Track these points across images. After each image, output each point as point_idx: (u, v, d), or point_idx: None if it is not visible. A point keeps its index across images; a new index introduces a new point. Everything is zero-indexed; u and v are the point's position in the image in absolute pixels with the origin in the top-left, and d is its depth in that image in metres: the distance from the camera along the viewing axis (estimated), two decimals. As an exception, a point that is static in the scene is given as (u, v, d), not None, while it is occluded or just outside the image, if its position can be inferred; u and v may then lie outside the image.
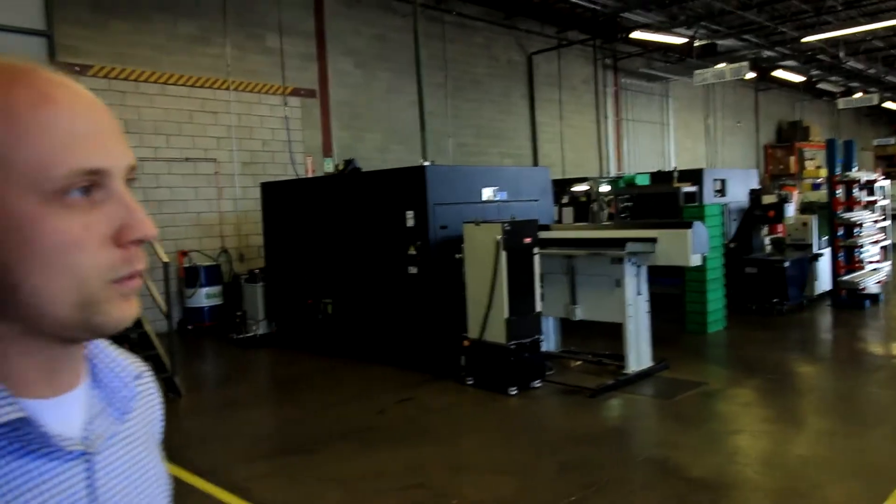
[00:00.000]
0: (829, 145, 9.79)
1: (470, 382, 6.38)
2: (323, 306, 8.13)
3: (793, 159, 24.79)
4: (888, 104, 24.28)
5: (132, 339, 7.11)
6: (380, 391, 6.38)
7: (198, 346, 9.10)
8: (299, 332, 8.52)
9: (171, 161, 10.06)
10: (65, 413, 0.67)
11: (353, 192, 7.82)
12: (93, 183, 0.60)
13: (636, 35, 14.19)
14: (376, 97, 12.71)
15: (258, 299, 9.23)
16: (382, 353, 7.36)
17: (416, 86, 12.13)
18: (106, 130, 0.63)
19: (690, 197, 9.49)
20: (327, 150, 11.82)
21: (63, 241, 0.59)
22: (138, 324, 6.71)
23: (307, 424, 5.59)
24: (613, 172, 17.41)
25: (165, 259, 6.78)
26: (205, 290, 10.01)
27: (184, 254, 10.12)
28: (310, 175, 9.98)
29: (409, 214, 6.95)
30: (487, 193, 7.28)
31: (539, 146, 16.03)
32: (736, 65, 13.93)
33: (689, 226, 6.05)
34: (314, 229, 8.26)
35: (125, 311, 0.64)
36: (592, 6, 13.14)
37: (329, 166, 11.24)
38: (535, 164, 15.53)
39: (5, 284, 0.59)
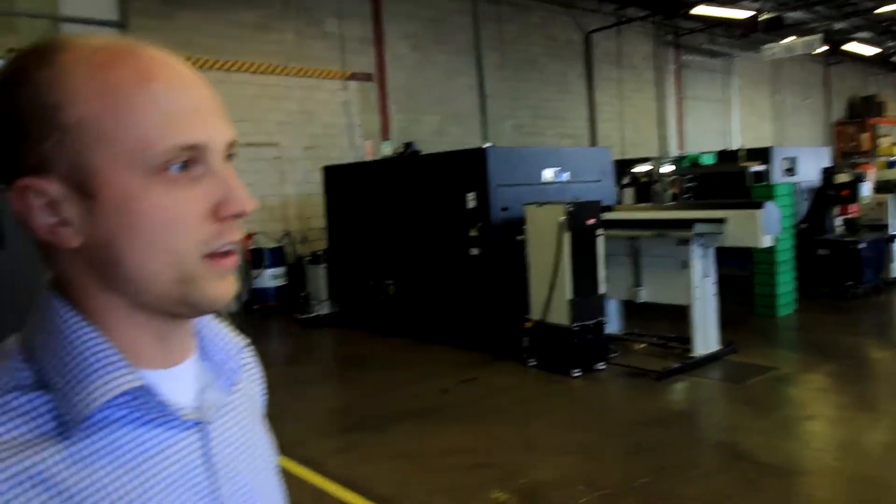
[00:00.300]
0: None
1: (532, 364, 6.38)
2: (385, 287, 8.24)
3: (865, 136, 23.69)
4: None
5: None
6: (443, 371, 6.45)
7: (264, 325, 9.37)
8: (361, 312, 8.67)
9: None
10: (177, 384, 0.68)
11: (413, 174, 7.88)
12: (192, 158, 0.61)
13: (699, 10, 13.72)
14: (433, 80, 12.71)
15: (321, 280, 9.43)
16: (443, 334, 7.43)
17: (474, 68, 12.10)
18: (206, 106, 0.63)
19: (759, 176, 9.19)
20: (385, 134, 11.92)
21: (163, 216, 0.60)
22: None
23: (375, 402, 5.70)
24: (674, 152, 17.00)
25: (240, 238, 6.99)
26: (269, 271, 10.28)
27: (249, 236, 10.41)
28: (368, 158, 10.08)
29: (471, 196, 6.96)
30: (548, 174, 7.22)
31: (597, 126, 15.77)
32: (807, 38, 13.34)
33: (759, 206, 5.87)
34: (376, 212, 8.36)
35: (222, 289, 0.64)
36: (654, -19, 12.79)
37: (387, 149, 11.33)
38: (593, 144, 15.29)
39: (110, 258, 0.60)
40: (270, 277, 10.31)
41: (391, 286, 8.19)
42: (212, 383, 0.72)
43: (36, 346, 0.62)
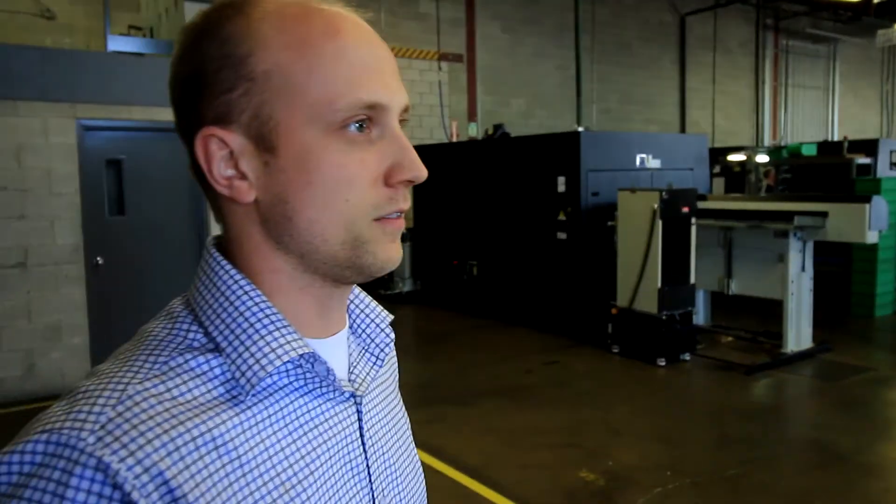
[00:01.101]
0: None
1: (616, 350, 6.38)
2: (469, 268, 8.37)
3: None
4: None
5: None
6: (526, 352, 6.54)
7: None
8: (443, 291, 8.84)
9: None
10: (334, 355, 0.66)
11: (502, 156, 7.93)
12: (372, 118, 0.59)
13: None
14: (521, 61, 12.65)
15: (405, 258, 9.65)
16: (525, 316, 7.50)
17: (562, 50, 11.95)
18: (387, 67, 0.61)
19: (864, 169, 8.76)
20: (472, 115, 11.98)
21: (340, 174, 0.58)
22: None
23: (461, 378, 5.85)
24: (768, 141, 16.32)
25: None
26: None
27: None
28: (454, 139, 10.18)
29: (561, 180, 6.97)
30: (641, 160, 7.13)
31: (687, 113, 15.32)
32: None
33: (867, 200, 5.63)
34: (462, 193, 8.47)
35: (391, 252, 0.62)
36: (757, -38, 12.24)
37: (473, 131, 11.41)
38: (682, 131, 14.87)
39: (283, 215, 0.59)
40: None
41: (475, 267, 8.30)
42: (361, 356, 0.71)
43: (203, 308, 0.61)
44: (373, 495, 0.67)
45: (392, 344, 0.75)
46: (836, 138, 16.82)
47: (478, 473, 3.92)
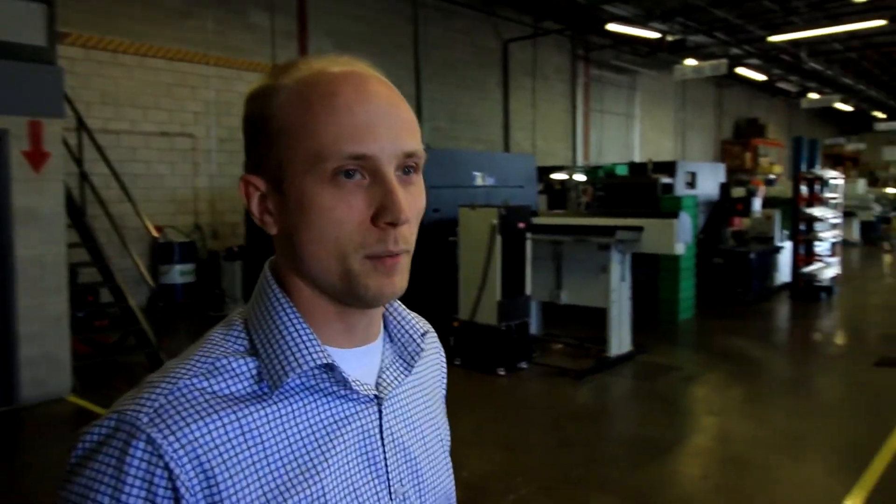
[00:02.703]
0: (796, 143, 10.24)
1: (457, 363, 6.54)
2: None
3: (748, 155, 25.65)
4: (840, 105, 25.24)
5: (111, 313, 7.05)
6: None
7: (173, 323, 9.03)
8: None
9: (148, 135, 9.88)
10: (361, 363, 0.77)
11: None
12: (361, 167, 0.68)
13: (612, 27, 14.43)
14: (354, 78, 12.64)
15: (237, 277, 9.19)
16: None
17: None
18: (380, 121, 0.69)
19: (668, 188, 9.81)
20: (305, 130, 11.76)
21: (329, 216, 0.67)
22: (121, 297, 6.67)
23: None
24: (580, 162, 17.74)
25: (155, 234, 6.74)
26: (179, 266, 9.88)
27: (158, 230, 9.97)
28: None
29: (402, 197, 7.04)
30: (478, 178, 7.43)
31: (511, 134, 16.22)
32: (715, 62, 14.36)
33: (675, 216, 6.31)
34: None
35: (383, 286, 0.70)
36: (571, -3, 13.33)
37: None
38: (507, 150, 15.71)
39: (292, 247, 0.71)
40: (179, 273, 9.88)
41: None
42: (392, 363, 0.81)
43: (253, 318, 0.74)
44: (389, 484, 0.77)
45: (424, 353, 0.84)
46: (637, 160, 18.71)
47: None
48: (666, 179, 9.72)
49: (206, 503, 0.64)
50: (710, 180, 11.21)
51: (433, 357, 0.94)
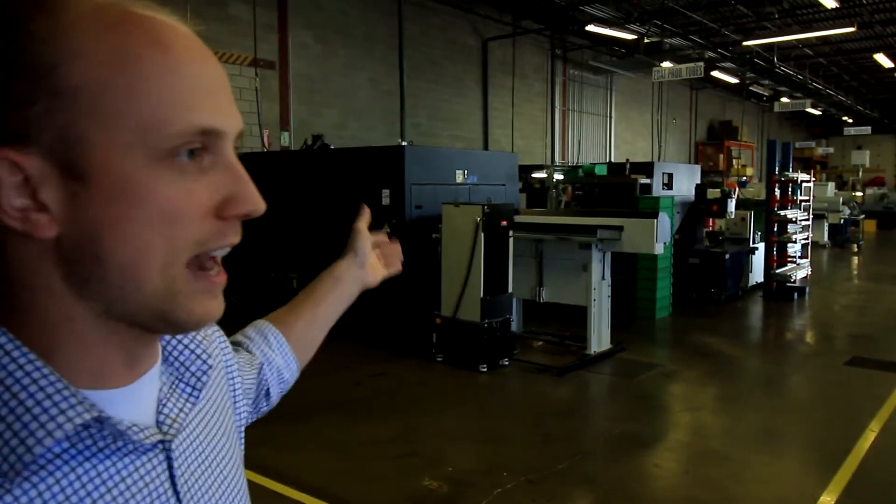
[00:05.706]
0: (771, 146, 10.44)
1: (439, 359, 6.57)
2: (288, 280, 8.13)
3: (722, 157, 26.08)
4: (810, 109, 25.78)
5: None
6: (352, 365, 6.49)
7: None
8: (261, 305, 8.42)
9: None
10: (139, 398, 0.59)
11: (324, 168, 7.83)
12: (204, 145, 0.53)
13: (590, 28, 14.57)
14: (334, 72, 12.61)
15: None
16: (350, 330, 7.42)
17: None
18: (222, 88, 0.56)
19: (645, 188, 9.94)
20: (284, 124, 11.69)
21: (165, 208, 0.51)
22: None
23: (287, 394, 5.64)
24: (558, 161, 17.88)
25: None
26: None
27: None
28: (266, 149, 9.86)
29: (385, 193, 7.05)
30: (460, 176, 7.46)
31: (490, 131, 16.29)
32: (692, 64, 14.55)
33: (655, 216, 6.41)
34: (280, 204, 8.20)
35: (209, 307, 0.56)
36: (551, -3, 13.43)
37: (286, 140, 11.13)
38: (485, 148, 15.78)
39: (91, 256, 0.51)
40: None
41: (295, 279, 8.08)
42: (173, 391, 0.64)
43: None
44: None
45: (209, 371, 0.67)
46: (613, 160, 18.91)
47: (322, 492, 3.82)
48: (644, 180, 9.85)
49: None
50: (686, 181, 11.39)
51: (219, 356, 0.77)
